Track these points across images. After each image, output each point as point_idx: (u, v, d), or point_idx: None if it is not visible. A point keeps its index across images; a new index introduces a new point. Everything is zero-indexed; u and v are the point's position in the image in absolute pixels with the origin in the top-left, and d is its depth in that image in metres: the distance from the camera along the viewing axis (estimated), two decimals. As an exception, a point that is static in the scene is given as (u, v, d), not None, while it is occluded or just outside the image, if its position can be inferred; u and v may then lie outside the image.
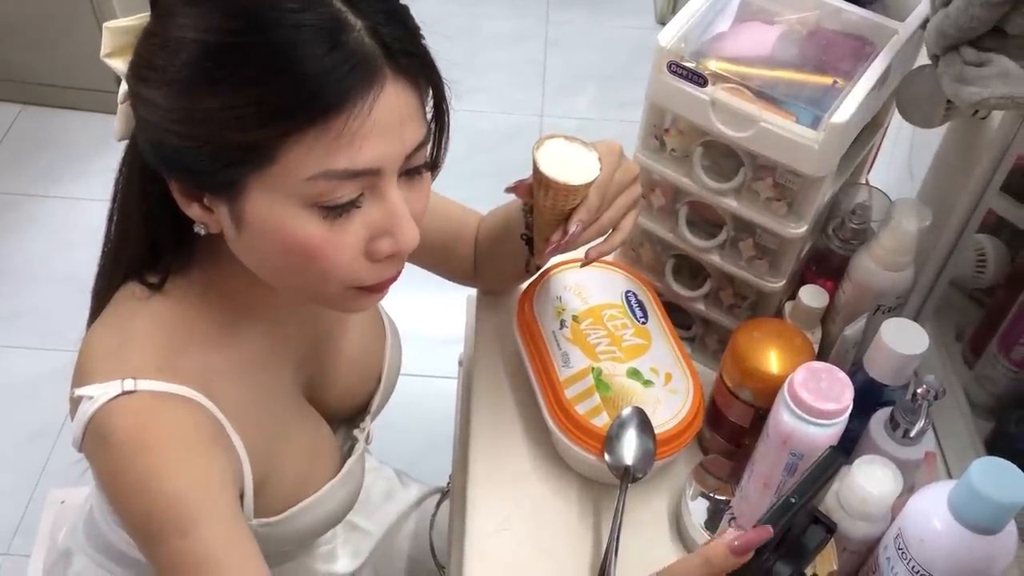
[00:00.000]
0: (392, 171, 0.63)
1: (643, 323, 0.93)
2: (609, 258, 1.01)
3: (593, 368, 0.88)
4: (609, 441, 0.83)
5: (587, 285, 0.96)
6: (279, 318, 0.78)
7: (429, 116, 0.67)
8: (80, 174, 2.33)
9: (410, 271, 0.99)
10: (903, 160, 1.18)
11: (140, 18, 0.66)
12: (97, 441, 0.66)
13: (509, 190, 0.79)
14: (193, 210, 0.66)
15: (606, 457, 0.83)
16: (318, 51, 0.57)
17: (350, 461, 0.86)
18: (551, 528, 0.87)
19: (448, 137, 0.70)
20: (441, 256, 0.96)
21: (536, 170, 0.73)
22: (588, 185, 0.73)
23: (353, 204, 0.63)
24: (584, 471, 0.90)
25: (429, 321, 1.98)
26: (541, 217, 0.76)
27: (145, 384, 0.66)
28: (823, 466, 0.57)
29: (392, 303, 1.33)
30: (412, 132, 0.63)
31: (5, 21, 2.31)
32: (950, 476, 0.89)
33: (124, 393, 0.65)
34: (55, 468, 1.75)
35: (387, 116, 0.61)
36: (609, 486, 0.89)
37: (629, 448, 0.83)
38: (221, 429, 0.70)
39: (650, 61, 0.83)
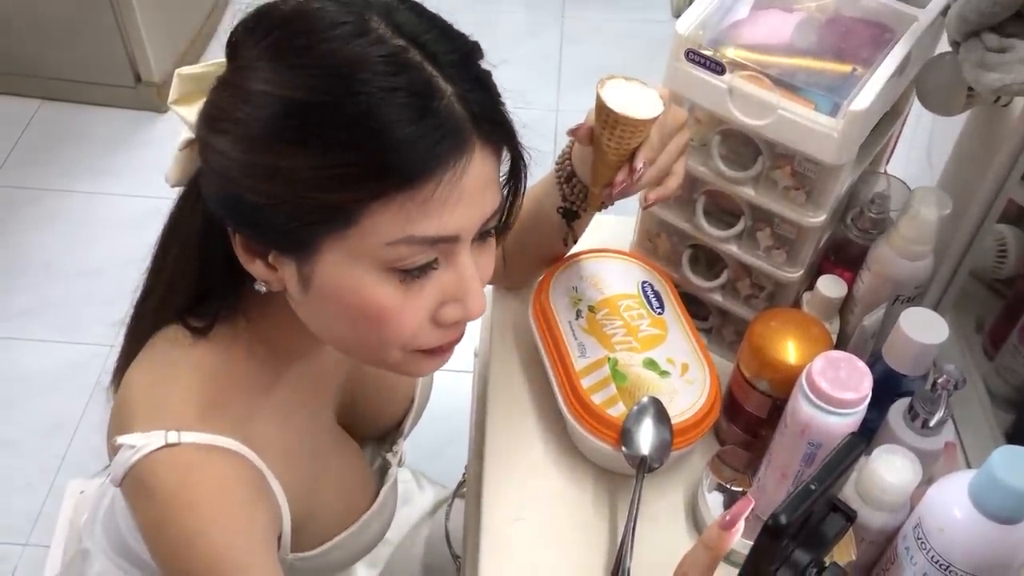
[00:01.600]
0: (468, 237, 0.63)
1: (659, 314, 0.93)
2: (625, 248, 1.01)
3: (609, 358, 0.88)
4: (625, 431, 0.83)
5: (603, 275, 0.95)
6: (321, 359, 0.78)
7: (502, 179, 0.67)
8: (99, 169, 2.35)
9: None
10: (922, 149, 1.16)
11: (213, 66, 0.65)
12: (140, 492, 0.66)
13: (571, 132, 0.78)
14: (257, 267, 0.64)
15: (622, 447, 0.83)
16: (411, 116, 0.57)
17: (384, 490, 0.85)
18: (566, 518, 0.87)
19: (520, 202, 0.69)
20: None
21: (603, 107, 0.72)
22: (654, 120, 0.73)
23: (430, 266, 0.62)
24: (600, 461, 0.89)
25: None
26: (603, 159, 0.75)
27: (189, 436, 0.65)
28: (843, 453, 0.56)
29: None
30: (492, 198, 0.63)
31: (25, 17, 2.32)
32: (969, 467, 0.88)
33: (168, 445, 0.64)
34: (74, 460, 1.77)
35: (473, 183, 0.60)
36: (625, 477, 0.89)
37: (645, 438, 0.83)
38: (262, 478, 0.69)
39: (666, 56, 0.83)
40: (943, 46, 0.83)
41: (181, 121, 0.66)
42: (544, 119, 2.51)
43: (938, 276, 0.93)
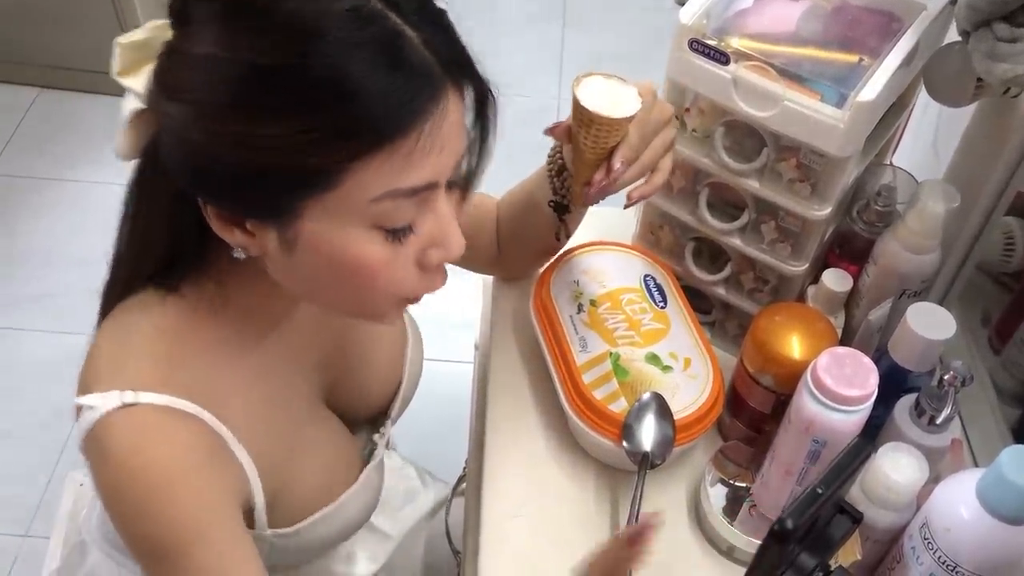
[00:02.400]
0: (444, 181, 0.62)
1: (662, 307, 0.91)
2: (627, 241, 0.99)
3: (611, 353, 0.87)
4: (627, 427, 0.82)
5: (605, 269, 0.94)
6: (295, 325, 0.76)
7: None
8: (97, 158, 2.33)
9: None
10: (929, 140, 1.15)
11: (154, 31, 0.61)
12: (97, 454, 0.65)
13: (548, 131, 0.77)
14: (234, 236, 0.62)
15: (624, 443, 0.82)
16: (384, 70, 0.55)
17: (368, 468, 0.84)
18: (567, 514, 0.86)
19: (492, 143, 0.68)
20: (468, 247, 0.95)
21: (577, 106, 0.71)
22: (630, 119, 0.72)
23: (411, 225, 0.62)
24: (601, 457, 0.88)
25: (444, 305, 1.98)
26: (581, 158, 0.74)
27: (146, 396, 0.64)
28: (850, 456, 0.55)
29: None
30: (462, 141, 0.62)
31: (23, 4, 2.30)
32: (976, 464, 0.87)
33: (124, 405, 0.64)
34: (74, 450, 1.76)
35: (449, 129, 0.59)
36: (626, 472, 0.88)
37: (647, 434, 0.82)
38: (223, 445, 0.68)
39: (669, 44, 0.82)
40: (951, 36, 0.81)
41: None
42: (546, 107, 2.50)
43: (944, 269, 0.92)
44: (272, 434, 0.73)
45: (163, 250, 0.68)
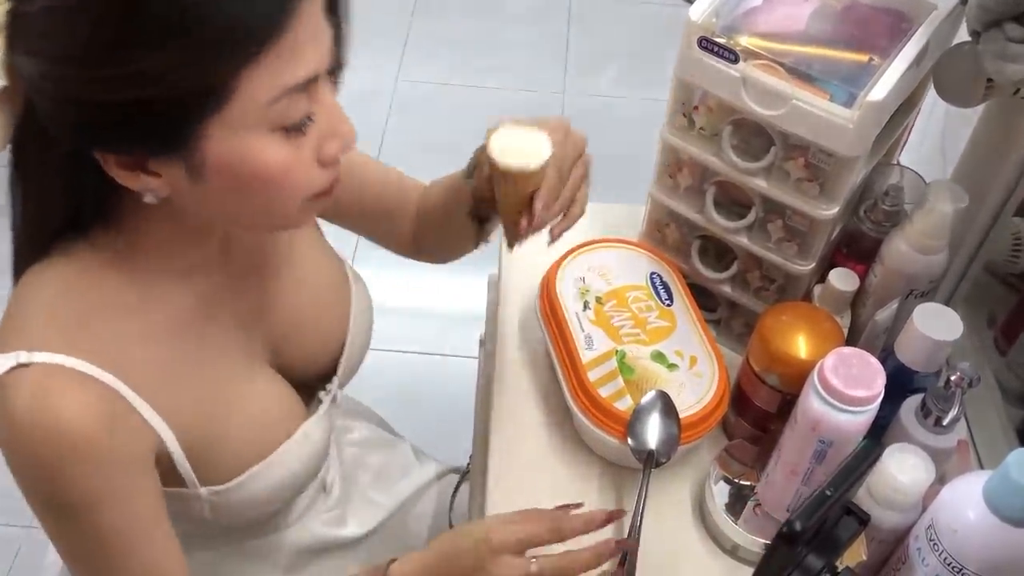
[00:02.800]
0: (324, 71, 0.62)
1: (668, 305, 0.91)
2: (634, 239, 0.99)
3: (617, 351, 0.87)
4: (632, 425, 0.82)
5: (611, 266, 0.94)
6: (204, 275, 0.75)
7: None
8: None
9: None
10: (936, 140, 1.15)
11: None
12: None
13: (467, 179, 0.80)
14: (140, 181, 0.61)
15: (629, 441, 0.82)
16: None
17: (308, 422, 0.82)
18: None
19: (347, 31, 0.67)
20: (381, 223, 0.94)
21: (493, 165, 0.72)
22: (544, 167, 0.73)
23: (308, 117, 0.62)
24: (606, 454, 0.88)
25: (448, 300, 1.98)
26: (506, 204, 0.76)
27: (40, 356, 0.64)
28: (859, 458, 0.55)
29: (411, 282, 1.31)
30: (328, 28, 0.62)
31: None
32: (981, 465, 0.87)
33: (19, 366, 0.64)
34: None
35: (317, 16, 0.60)
36: (631, 470, 0.88)
37: (653, 432, 0.82)
38: (127, 404, 0.68)
39: (676, 39, 0.81)
40: (961, 35, 0.81)
41: None
42: (551, 102, 2.49)
43: (951, 270, 0.92)
44: (189, 389, 0.73)
45: (63, 215, 0.67)
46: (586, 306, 0.90)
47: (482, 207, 0.84)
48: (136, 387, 0.68)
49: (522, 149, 0.72)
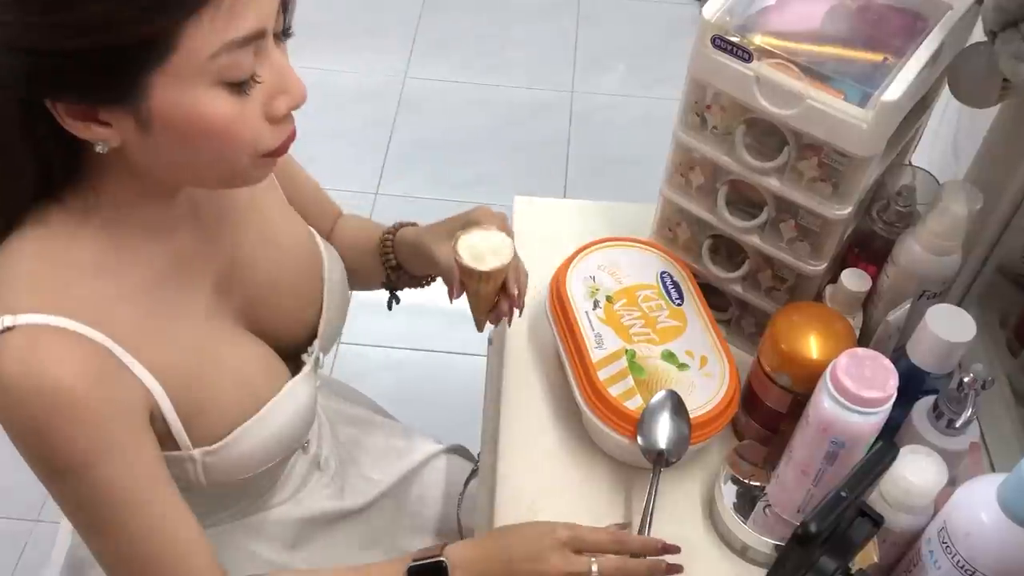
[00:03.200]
0: (270, 30, 0.64)
1: (678, 305, 0.91)
2: (644, 237, 0.99)
3: (627, 350, 0.86)
4: (642, 424, 0.82)
5: (622, 265, 0.94)
6: (176, 234, 0.76)
7: None
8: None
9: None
10: (948, 141, 1.14)
11: None
12: None
13: (452, 298, 0.85)
14: (91, 131, 0.63)
15: (639, 440, 0.82)
16: None
17: (293, 380, 0.83)
18: (581, 511, 0.86)
19: None
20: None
21: (471, 271, 0.80)
22: (514, 257, 0.82)
23: (253, 79, 0.63)
24: (616, 454, 0.88)
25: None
26: (481, 299, 0.84)
27: (24, 318, 0.65)
28: (875, 460, 0.55)
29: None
30: None
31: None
32: (993, 467, 0.86)
33: (4, 329, 0.64)
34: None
35: None
36: (640, 469, 0.88)
37: (663, 432, 0.82)
38: (112, 360, 0.68)
39: (684, 38, 0.81)
40: (976, 35, 0.81)
41: None
42: (559, 100, 2.49)
43: (964, 271, 0.91)
44: (173, 348, 0.73)
45: (34, 175, 0.67)
46: (596, 304, 0.90)
47: (394, 285, 0.94)
48: (124, 344, 0.69)
49: (489, 247, 0.81)
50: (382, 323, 0.96)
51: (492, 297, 0.84)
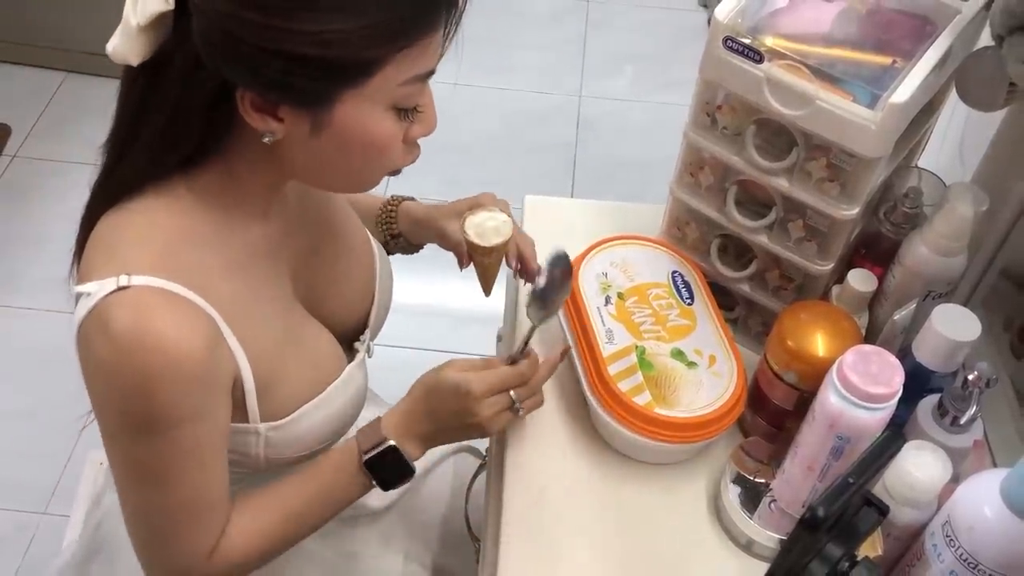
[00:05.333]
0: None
1: (689, 304, 0.92)
2: (654, 236, 1.00)
3: (637, 346, 0.87)
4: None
5: (633, 263, 0.95)
6: (270, 219, 0.79)
7: None
8: (121, 143, 2.35)
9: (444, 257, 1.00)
10: (954, 143, 1.15)
11: None
12: (96, 335, 0.68)
13: (462, 268, 0.94)
14: (266, 123, 0.67)
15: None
16: None
17: (351, 366, 0.87)
18: (588, 505, 0.87)
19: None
20: None
21: (477, 247, 0.89)
22: (515, 234, 0.90)
23: (417, 106, 0.70)
24: (624, 448, 0.89)
25: (461, 298, 1.98)
26: (488, 271, 0.92)
27: (139, 279, 0.67)
28: (881, 447, 0.56)
29: (423, 280, 1.32)
30: None
31: (51, -11, 2.32)
32: (995, 465, 0.87)
33: (120, 288, 0.67)
34: (93, 431, 1.77)
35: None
36: (648, 465, 0.89)
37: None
38: (215, 327, 0.71)
39: (691, 45, 0.83)
40: (984, 40, 0.82)
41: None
42: (567, 104, 2.50)
43: (969, 272, 0.92)
44: (258, 322, 0.77)
45: (192, 144, 0.70)
46: (607, 301, 0.91)
47: (392, 249, 1.01)
48: (223, 315, 0.72)
49: (493, 228, 0.89)
50: (388, 322, 0.98)
51: (496, 268, 0.92)
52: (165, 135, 0.70)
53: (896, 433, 0.59)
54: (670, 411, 0.84)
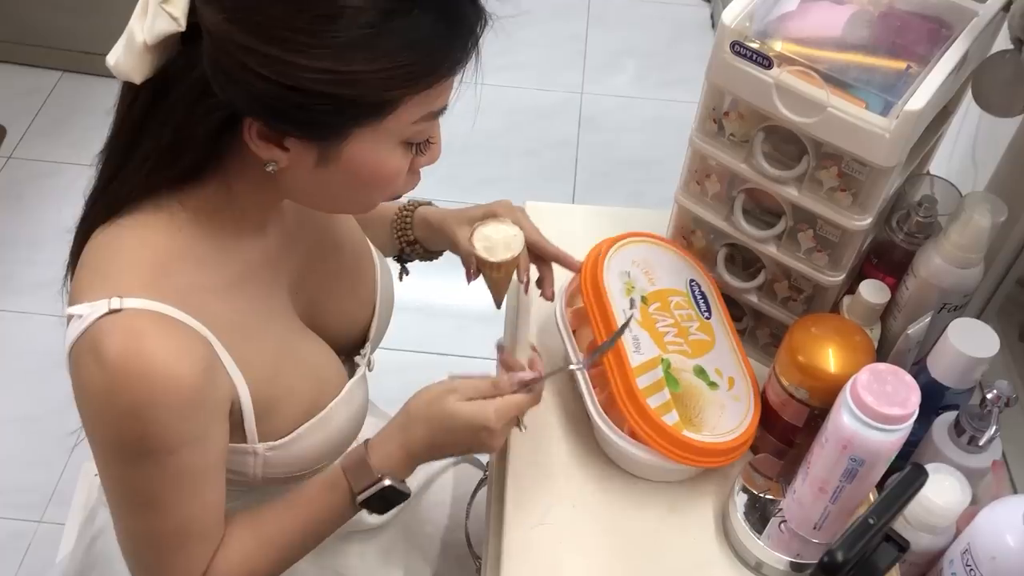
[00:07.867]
0: None
1: (707, 318, 0.89)
2: (667, 236, 0.97)
3: (663, 359, 0.84)
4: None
5: (654, 264, 0.91)
6: (266, 235, 0.78)
7: None
8: (117, 143, 2.33)
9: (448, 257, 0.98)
10: (966, 150, 1.12)
11: None
12: (88, 360, 0.66)
13: (469, 280, 0.91)
14: (272, 152, 0.65)
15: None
16: (470, 15, 0.64)
17: (351, 382, 0.85)
18: (591, 524, 0.85)
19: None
20: None
21: (484, 261, 0.86)
22: (523, 245, 0.87)
23: (429, 139, 0.70)
24: (630, 467, 0.87)
25: (464, 301, 1.96)
26: (498, 285, 0.90)
27: (131, 302, 0.66)
28: (903, 485, 0.54)
29: (425, 282, 1.30)
30: None
31: (46, -13, 2.30)
32: (1014, 487, 0.85)
33: (111, 312, 0.65)
34: (89, 438, 1.76)
35: None
36: (652, 483, 0.86)
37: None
38: (211, 350, 0.69)
39: (693, 39, 0.80)
40: (1002, 42, 0.79)
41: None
42: (569, 101, 2.47)
43: (983, 283, 0.89)
44: (257, 342, 0.75)
45: (189, 165, 0.69)
46: (632, 303, 0.88)
47: (406, 259, 1.00)
48: (219, 337, 0.70)
49: (503, 241, 0.87)
50: (390, 325, 0.96)
51: (506, 283, 0.89)
52: (164, 156, 0.68)
53: (918, 468, 0.56)
54: (697, 435, 0.81)
